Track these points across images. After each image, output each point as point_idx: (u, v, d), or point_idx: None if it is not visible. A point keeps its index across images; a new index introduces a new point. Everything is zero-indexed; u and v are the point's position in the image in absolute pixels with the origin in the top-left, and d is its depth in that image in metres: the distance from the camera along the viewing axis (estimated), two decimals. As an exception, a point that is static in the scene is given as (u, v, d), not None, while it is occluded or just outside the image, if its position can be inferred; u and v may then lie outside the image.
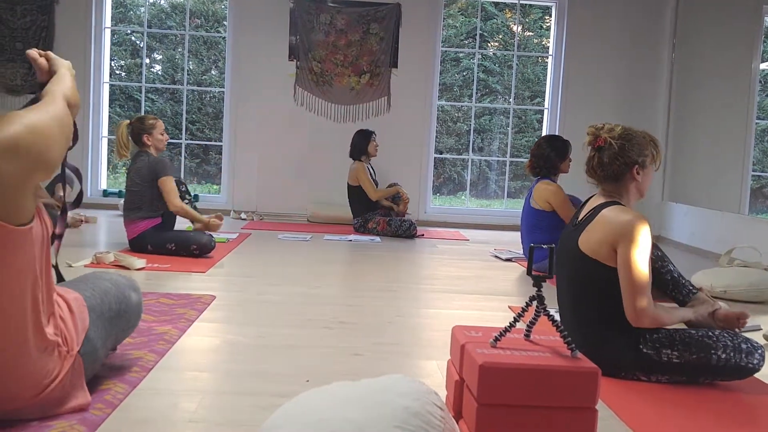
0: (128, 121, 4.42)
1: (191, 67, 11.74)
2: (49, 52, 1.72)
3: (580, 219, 2.38)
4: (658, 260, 2.50)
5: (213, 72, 12.22)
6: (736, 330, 2.41)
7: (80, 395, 1.72)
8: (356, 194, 6.14)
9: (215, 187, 10.33)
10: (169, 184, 4.28)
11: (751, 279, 3.84)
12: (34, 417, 1.64)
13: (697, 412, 2.02)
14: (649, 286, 2.22)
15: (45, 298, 1.59)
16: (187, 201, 4.58)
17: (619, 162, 2.30)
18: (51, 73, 1.67)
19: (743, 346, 2.20)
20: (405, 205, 6.28)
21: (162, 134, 4.43)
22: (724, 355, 2.18)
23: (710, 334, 2.24)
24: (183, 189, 4.68)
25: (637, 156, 2.31)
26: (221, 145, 7.37)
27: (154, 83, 11.69)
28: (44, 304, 1.59)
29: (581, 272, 2.31)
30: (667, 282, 2.52)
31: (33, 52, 1.66)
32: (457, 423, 1.71)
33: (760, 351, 2.22)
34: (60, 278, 1.87)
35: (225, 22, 8.77)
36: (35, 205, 1.51)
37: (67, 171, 1.80)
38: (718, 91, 6.08)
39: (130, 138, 4.37)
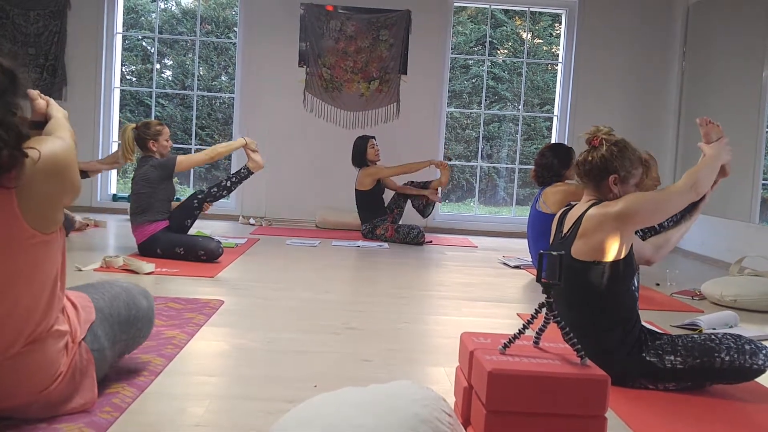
0: (134, 125, 4.45)
1: (201, 73, 11.80)
2: (50, 99, 1.79)
3: (565, 233, 2.38)
4: (639, 231, 2.64)
5: (223, 78, 12.28)
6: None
7: (87, 390, 1.73)
8: (364, 200, 6.14)
9: (224, 192, 10.32)
10: (184, 162, 4.43)
11: (761, 288, 3.81)
12: (41, 416, 1.65)
13: (705, 421, 2.01)
14: (669, 191, 2.38)
15: (60, 296, 1.67)
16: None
17: (599, 165, 2.32)
18: (47, 116, 1.74)
19: (747, 347, 2.19)
20: (445, 174, 6.22)
21: (167, 141, 4.44)
22: (728, 358, 2.16)
23: (713, 337, 2.23)
24: (196, 204, 4.65)
25: (619, 167, 2.32)
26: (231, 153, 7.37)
27: (165, 89, 11.76)
28: (59, 301, 1.66)
29: (578, 282, 2.29)
30: (659, 229, 2.65)
31: (33, 92, 1.73)
32: (466, 430, 1.70)
33: (764, 351, 2.20)
34: None
35: (236, 28, 8.81)
36: (62, 218, 1.65)
37: None
38: (729, 99, 6.05)
39: (135, 142, 4.40)
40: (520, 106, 9.97)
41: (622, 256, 2.25)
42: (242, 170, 4.79)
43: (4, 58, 1.48)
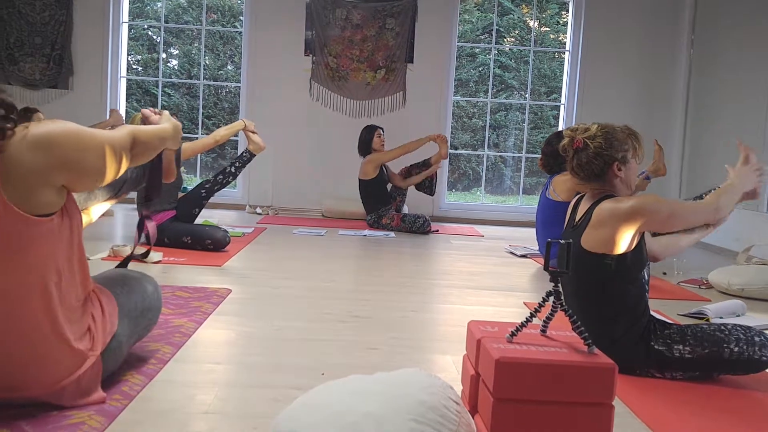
0: (141, 115, 4.45)
1: (207, 62, 11.80)
2: (165, 111, 1.99)
3: (577, 221, 2.38)
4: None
5: (229, 67, 12.27)
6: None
7: (94, 394, 1.74)
8: (368, 189, 6.13)
9: (230, 181, 10.36)
10: (188, 149, 4.46)
11: (769, 277, 3.79)
12: (52, 402, 1.67)
13: (713, 410, 2.01)
14: (689, 206, 2.40)
15: (71, 297, 1.64)
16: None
17: (597, 161, 2.31)
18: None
19: (756, 338, 2.19)
20: (444, 147, 6.23)
21: None
22: (737, 349, 2.17)
23: (722, 327, 2.22)
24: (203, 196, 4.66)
25: (615, 153, 2.30)
26: (237, 140, 7.39)
27: (171, 78, 11.76)
28: (66, 302, 1.62)
29: (586, 272, 2.29)
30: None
31: (147, 111, 1.96)
32: (473, 418, 1.70)
33: None
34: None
35: (241, 17, 8.80)
36: (62, 203, 1.57)
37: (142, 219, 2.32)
38: (737, 88, 6.01)
39: None
40: (527, 95, 9.94)
41: (632, 249, 2.24)
42: (244, 154, 4.84)
43: None
